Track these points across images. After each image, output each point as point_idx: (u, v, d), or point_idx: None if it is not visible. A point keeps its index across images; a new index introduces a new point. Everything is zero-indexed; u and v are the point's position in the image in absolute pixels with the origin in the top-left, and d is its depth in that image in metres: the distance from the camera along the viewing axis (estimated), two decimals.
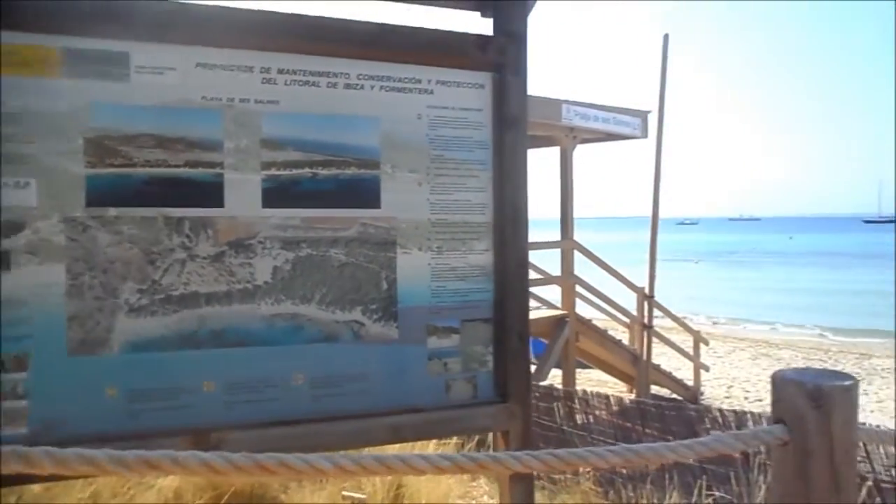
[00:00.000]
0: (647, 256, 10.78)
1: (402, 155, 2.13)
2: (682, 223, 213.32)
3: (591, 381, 14.11)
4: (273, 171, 1.99)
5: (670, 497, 3.52)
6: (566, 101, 8.68)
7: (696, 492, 3.37)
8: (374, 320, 2.12)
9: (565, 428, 4.91)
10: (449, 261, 2.21)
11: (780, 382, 1.26)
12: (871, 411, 12.51)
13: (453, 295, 2.22)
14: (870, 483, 3.42)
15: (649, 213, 10.77)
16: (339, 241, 2.07)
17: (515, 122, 2.23)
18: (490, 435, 2.35)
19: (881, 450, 3.52)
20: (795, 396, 1.22)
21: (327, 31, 2.03)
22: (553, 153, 9.89)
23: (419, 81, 2.15)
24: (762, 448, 1.19)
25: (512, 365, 2.27)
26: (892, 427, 9.09)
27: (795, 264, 53.78)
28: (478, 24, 2.28)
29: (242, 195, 1.95)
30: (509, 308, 2.27)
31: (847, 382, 1.22)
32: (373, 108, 2.10)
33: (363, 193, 2.10)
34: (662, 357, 14.08)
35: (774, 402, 1.27)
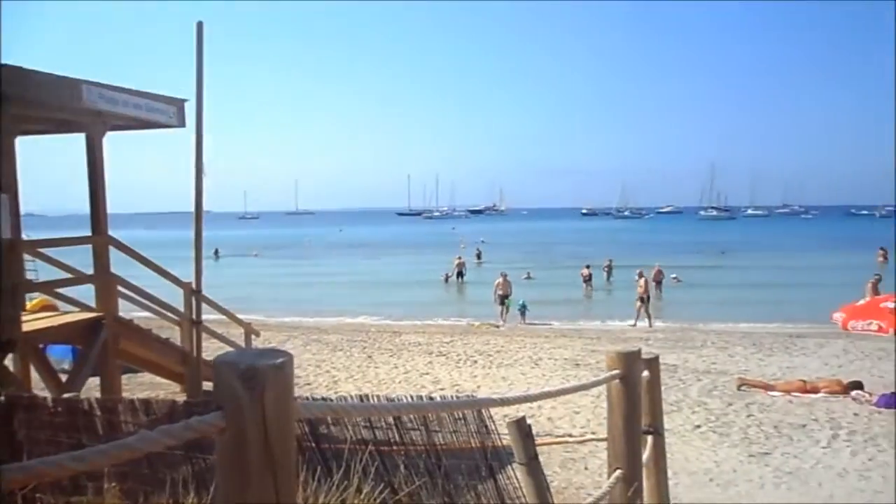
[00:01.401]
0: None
1: None
2: (244, 217, 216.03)
3: (144, 384, 13.23)
4: None
5: (187, 500, 3.41)
6: (88, 83, 7.80)
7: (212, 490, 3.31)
8: None
9: (84, 441, 4.42)
10: None
11: (219, 367, 1.21)
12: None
13: None
14: (371, 448, 3.79)
15: (206, 206, 10.43)
16: None
17: None
18: None
19: (382, 420, 3.96)
20: (231, 379, 1.18)
21: None
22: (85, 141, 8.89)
23: None
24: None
25: None
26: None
27: (347, 255, 58.65)
28: None
29: None
30: None
31: (280, 360, 1.22)
32: None
33: None
34: (221, 352, 13.85)
35: (214, 389, 1.21)
